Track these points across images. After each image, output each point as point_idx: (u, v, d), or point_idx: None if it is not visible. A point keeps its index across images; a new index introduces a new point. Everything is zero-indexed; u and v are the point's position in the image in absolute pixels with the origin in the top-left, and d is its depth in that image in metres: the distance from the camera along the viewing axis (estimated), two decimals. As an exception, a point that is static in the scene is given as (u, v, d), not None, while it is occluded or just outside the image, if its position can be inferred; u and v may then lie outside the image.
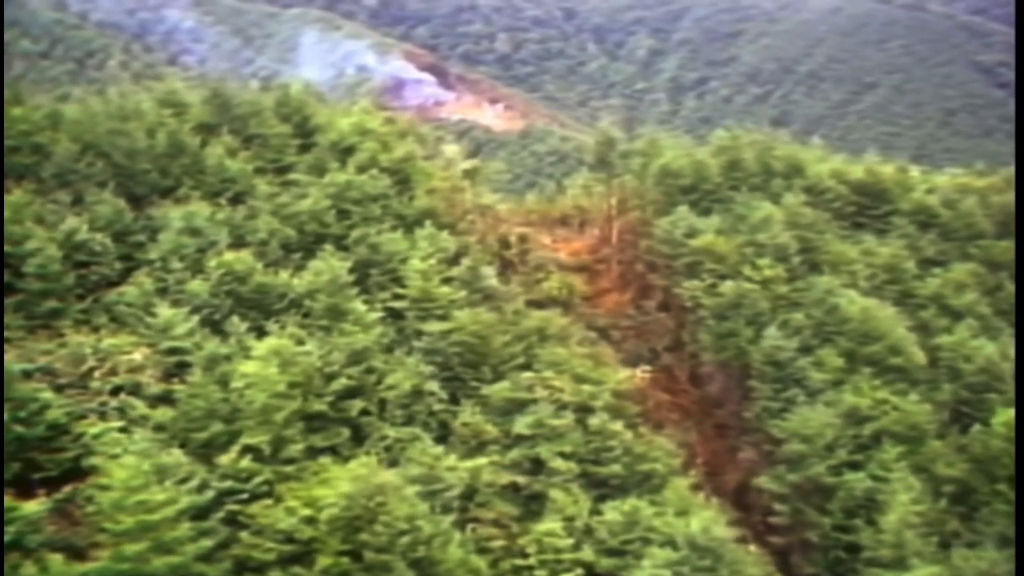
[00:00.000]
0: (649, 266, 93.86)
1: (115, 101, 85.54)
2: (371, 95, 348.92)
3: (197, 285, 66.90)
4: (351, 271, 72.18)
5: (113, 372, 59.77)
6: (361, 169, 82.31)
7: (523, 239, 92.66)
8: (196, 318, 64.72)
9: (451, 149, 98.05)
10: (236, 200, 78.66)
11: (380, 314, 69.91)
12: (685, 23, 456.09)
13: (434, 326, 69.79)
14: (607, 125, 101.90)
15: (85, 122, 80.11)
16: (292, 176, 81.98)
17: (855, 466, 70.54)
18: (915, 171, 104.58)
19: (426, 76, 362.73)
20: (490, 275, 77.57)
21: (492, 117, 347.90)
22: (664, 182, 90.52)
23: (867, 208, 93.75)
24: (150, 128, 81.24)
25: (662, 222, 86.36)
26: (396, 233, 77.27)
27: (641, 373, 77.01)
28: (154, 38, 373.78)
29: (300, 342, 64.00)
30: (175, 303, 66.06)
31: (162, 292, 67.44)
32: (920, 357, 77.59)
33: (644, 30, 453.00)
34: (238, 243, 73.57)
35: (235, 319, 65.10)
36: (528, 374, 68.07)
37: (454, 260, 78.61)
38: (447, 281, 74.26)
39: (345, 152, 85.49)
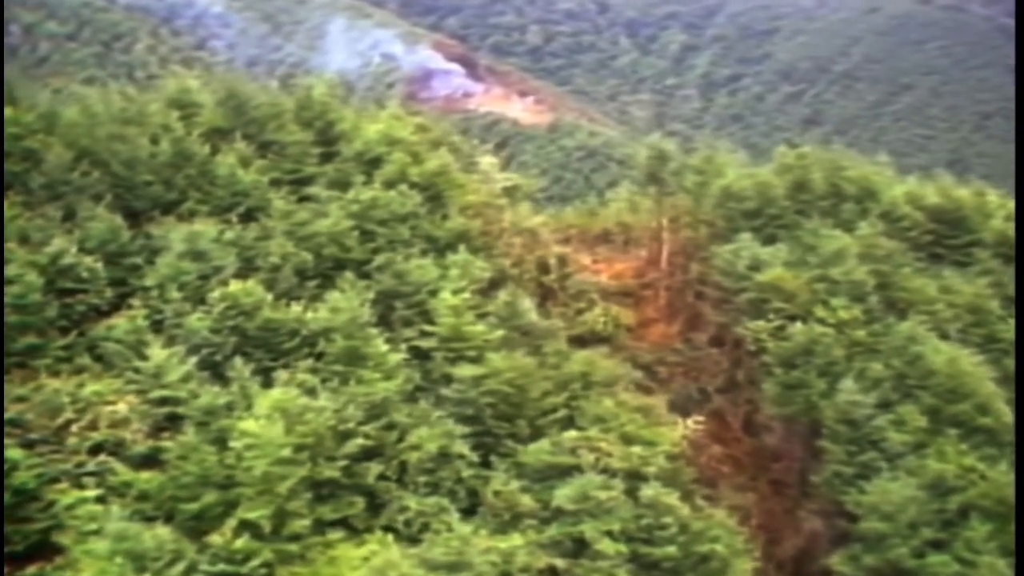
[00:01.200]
0: (699, 295, 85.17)
1: (118, 102, 77.05)
2: (399, 85, 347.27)
3: (197, 320, 58.51)
4: (373, 302, 63.97)
5: (93, 426, 51.68)
6: (389, 184, 73.62)
7: (563, 261, 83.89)
8: (193, 360, 56.33)
9: (488, 161, 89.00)
10: (248, 217, 70.37)
11: (404, 355, 61.36)
12: (719, 19, 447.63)
13: (465, 370, 61.18)
14: (659, 139, 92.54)
15: (82, 125, 71.74)
16: (311, 190, 73.35)
17: (939, 545, 61.64)
18: (992, 195, 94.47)
19: (455, 67, 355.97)
20: (529, 308, 68.93)
21: (521, 110, 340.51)
22: (725, 205, 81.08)
23: (945, 238, 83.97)
24: (154, 133, 73.06)
25: (723, 251, 77.09)
26: (426, 259, 68.64)
27: (693, 424, 68.19)
28: (182, 22, 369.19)
29: (311, 391, 55.62)
30: (170, 340, 57.89)
31: (157, 326, 59.21)
32: (1008, 416, 68.46)
33: (677, 25, 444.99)
34: (247, 267, 65.41)
35: (238, 361, 56.67)
36: (571, 433, 59.20)
37: (489, 290, 70.32)
38: (481, 316, 65.80)
39: (371, 164, 76.81)
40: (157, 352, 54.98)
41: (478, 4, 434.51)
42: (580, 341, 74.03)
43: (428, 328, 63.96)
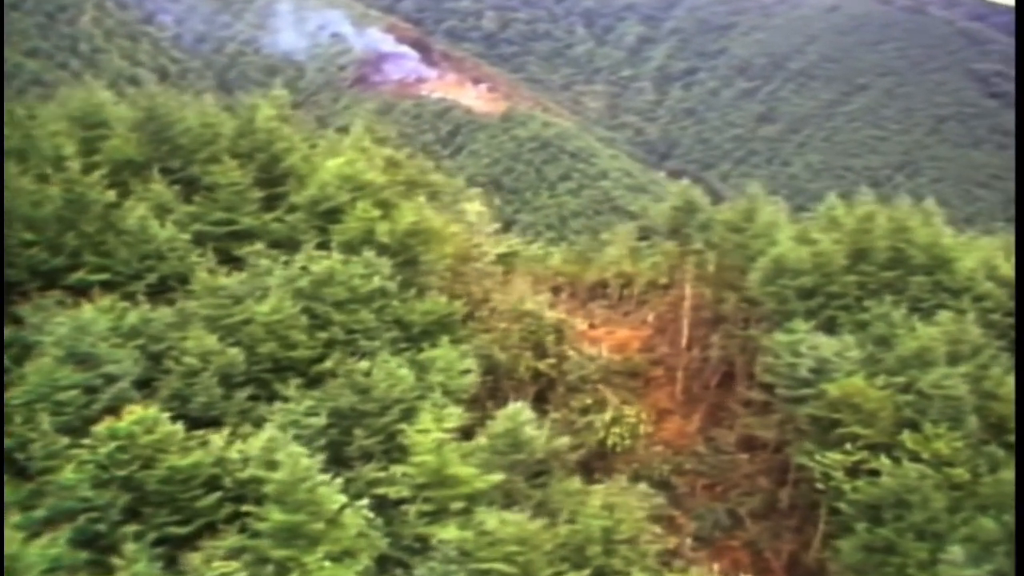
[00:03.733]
0: (723, 380, 68.79)
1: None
2: (351, 67, 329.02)
3: (73, 472, 40.81)
4: (326, 428, 46.79)
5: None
6: (349, 247, 56.24)
7: (559, 335, 66.95)
8: (65, 535, 38.75)
9: (473, 208, 70.76)
10: (160, 288, 53.05)
11: (367, 512, 43.95)
12: (678, 12, 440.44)
13: (449, 532, 44.20)
14: (686, 186, 74.63)
15: (-58, 160, 53.78)
16: (247, 251, 55.68)
17: None
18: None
19: (408, 50, 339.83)
20: (530, 425, 51.58)
21: (474, 98, 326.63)
22: (776, 281, 63.21)
23: (1026, 322, 67.06)
24: (42, 170, 55.15)
25: (777, 343, 59.40)
26: (396, 360, 51.15)
27: (742, 585, 51.82)
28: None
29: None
30: (36, 497, 40.28)
31: (18, 474, 41.51)
32: None
33: (635, 16, 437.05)
34: (152, 370, 47.97)
35: (130, 536, 39.11)
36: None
37: (479, 400, 53.43)
38: (470, 447, 48.72)
39: (327, 216, 59.27)
40: (10, 532, 37.16)
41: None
42: (588, 462, 57.48)
43: (398, 468, 46.66)
